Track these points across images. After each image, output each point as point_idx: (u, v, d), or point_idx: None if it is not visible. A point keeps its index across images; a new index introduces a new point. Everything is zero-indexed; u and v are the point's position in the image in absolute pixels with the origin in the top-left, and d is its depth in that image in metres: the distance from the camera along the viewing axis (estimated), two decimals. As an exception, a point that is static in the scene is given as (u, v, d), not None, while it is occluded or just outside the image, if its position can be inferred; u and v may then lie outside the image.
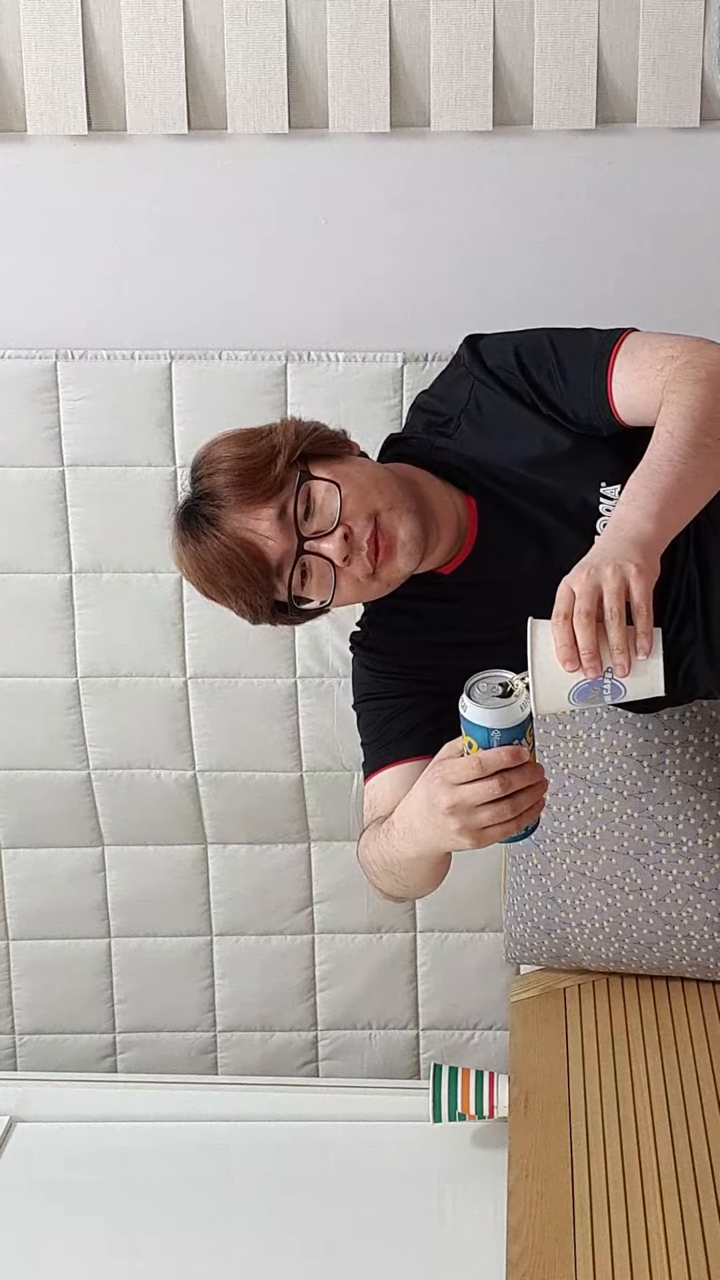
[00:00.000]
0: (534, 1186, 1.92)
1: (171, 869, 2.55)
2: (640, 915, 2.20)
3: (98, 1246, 2.12)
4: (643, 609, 1.46)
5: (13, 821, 2.54)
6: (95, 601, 2.39)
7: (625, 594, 1.46)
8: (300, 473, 1.68)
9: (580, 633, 1.45)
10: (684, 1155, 1.90)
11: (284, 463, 1.68)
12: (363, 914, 2.56)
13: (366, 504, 1.68)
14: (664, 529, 1.54)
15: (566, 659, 1.46)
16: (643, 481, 1.57)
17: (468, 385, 1.83)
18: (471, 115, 2.13)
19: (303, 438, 1.71)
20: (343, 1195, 2.06)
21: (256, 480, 1.68)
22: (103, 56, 2.14)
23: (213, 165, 2.20)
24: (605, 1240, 1.79)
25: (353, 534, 1.66)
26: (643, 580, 1.47)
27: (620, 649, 1.46)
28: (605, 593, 1.46)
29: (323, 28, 2.11)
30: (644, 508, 1.54)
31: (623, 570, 1.47)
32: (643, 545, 1.50)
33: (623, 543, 1.51)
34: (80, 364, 2.27)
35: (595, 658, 1.45)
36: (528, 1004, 2.28)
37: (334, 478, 1.68)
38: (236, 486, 1.68)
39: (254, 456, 1.69)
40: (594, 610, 1.45)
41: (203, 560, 1.70)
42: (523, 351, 1.80)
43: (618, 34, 2.10)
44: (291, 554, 1.68)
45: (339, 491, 1.67)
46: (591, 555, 1.51)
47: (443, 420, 1.84)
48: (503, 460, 1.79)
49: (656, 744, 2.14)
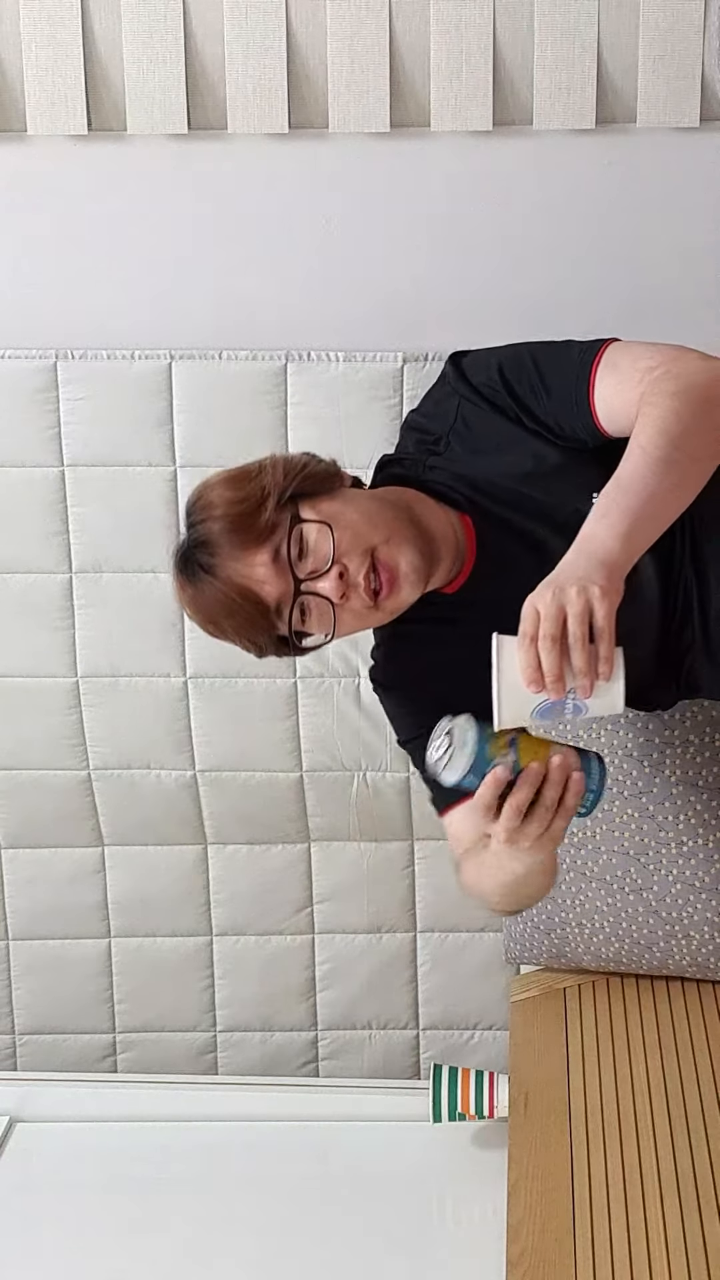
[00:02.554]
0: (534, 1186, 1.92)
1: (171, 869, 2.55)
2: (640, 915, 2.20)
3: (98, 1246, 2.12)
4: (605, 633, 1.50)
5: (13, 821, 2.54)
6: (95, 601, 2.39)
7: (589, 617, 1.50)
8: (291, 514, 1.69)
9: (545, 656, 1.49)
10: (684, 1155, 1.90)
11: (274, 505, 1.69)
12: (363, 914, 2.56)
13: (361, 541, 1.69)
14: (631, 548, 1.56)
15: (531, 680, 1.50)
16: (613, 498, 1.59)
17: (454, 403, 1.83)
18: (471, 115, 2.13)
19: (291, 477, 1.71)
20: (343, 1195, 2.06)
21: (248, 526, 1.68)
22: (103, 56, 2.14)
23: (213, 165, 2.20)
24: (605, 1240, 1.80)
25: (348, 572, 1.68)
26: (606, 603, 1.50)
27: (583, 672, 1.50)
28: (569, 616, 1.49)
29: (323, 28, 2.11)
30: (613, 526, 1.56)
31: (587, 593, 1.50)
32: (608, 566, 1.53)
33: (589, 562, 1.53)
34: (80, 364, 2.27)
35: (559, 680, 1.50)
36: (528, 1004, 2.28)
37: (325, 518, 1.69)
38: (229, 533, 1.69)
39: (244, 501, 1.70)
40: (558, 633, 1.49)
41: (202, 605, 1.73)
42: (506, 368, 1.80)
43: (618, 34, 2.10)
44: (289, 595, 1.69)
45: (331, 532, 1.68)
46: (557, 573, 1.54)
47: (433, 439, 1.85)
48: (494, 476, 1.80)
49: (657, 744, 2.14)
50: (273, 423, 2.27)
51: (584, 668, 1.50)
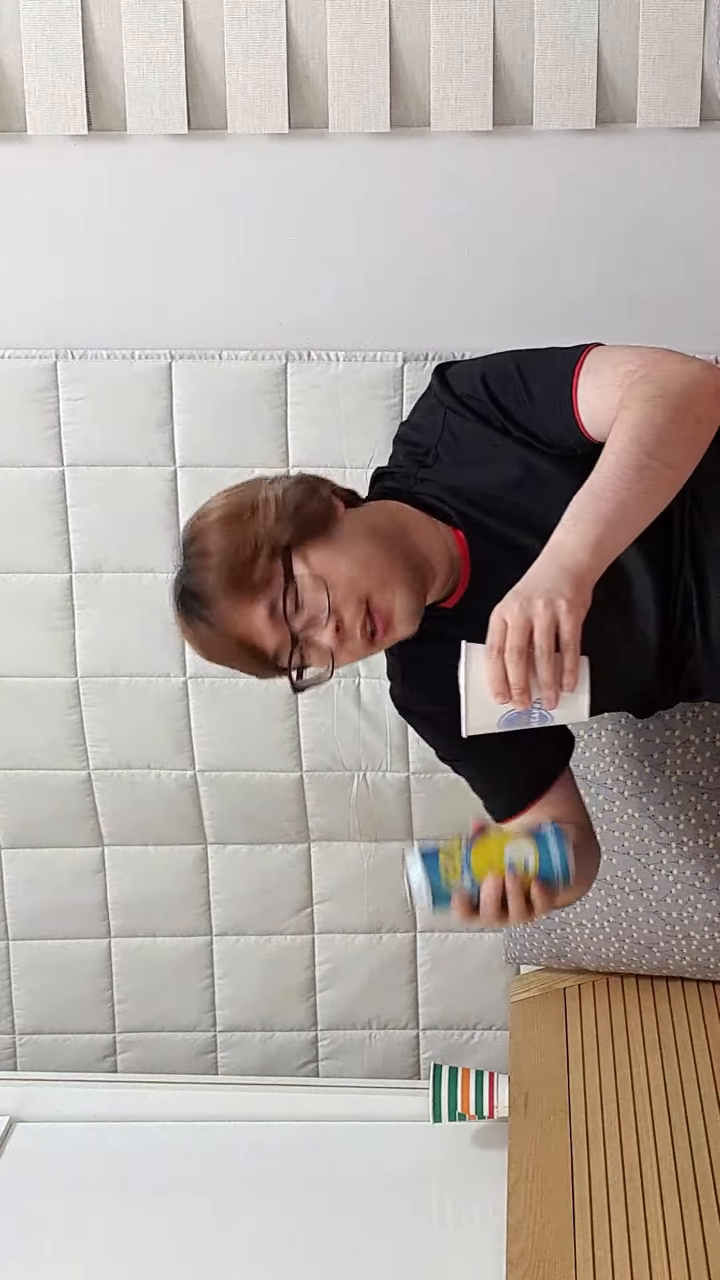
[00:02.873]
0: (534, 1186, 1.92)
1: (171, 869, 2.55)
2: (641, 915, 2.20)
3: (98, 1246, 2.12)
4: (571, 645, 1.52)
5: (13, 821, 2.54)
6: (95, 601, 2.39)
7: (555, 629, 1.52)
8: (285, 565, 1.69)
9: (511, 669, 1.52)
10: (684, 1155, 1.90)
11: (267, 555, 1.69)
12: (363, 914, 2.56)
13: (355, 590, 1.69)
14: (600, 558, 1.58)
15: (497, 692, 1.54)
16: (584, 505, 1.60)
17: (440, 415, 1.84)
18: (471, 115, 2.13)
19: (284, 522, 1.71)
20: (343, 1195, 2.06)
21: (242, 581, 1.69)
22: (103, 56, 2.14)
23: (213, 165, 2.20)
24: (605, 1240, 1.80)
25: (344, 623, 1.69)
26: (572, 616, 1.52)
27: (549, 684, 1.53)
28: (536, 629, 1.52)
29: (323, 28, 2.11)
30: (582, 535, 1.58)
31: (553, 606, 1.52)
32: (576, 577, 1.55)
33: (558, 572, 1.55)
34: (80, 364, 2.27)
35: (524, 692, 1.53)
36: (528, 1004, 2.28)
37: (320, 571, 1.69)
38: (223, 586, 1.70)
39: (238, 552, 1.70)
40: (524, 646, 1.52)
41: (202, 644, 1.76)
42: (489, 378, 1.80)
43: (618, 34, 2.10)
44: (287, 643, 1.70)
45: (326, 587, 1.69)
46: (525, 583, 1.56)
47: (422, 451, 1.86)
48: (484, 486, 1.80)
49: (658, 744, 2.14)
50: (273, 422, 2.27)
51: (549, 680, 1.53)
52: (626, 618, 1.79)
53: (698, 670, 1.85)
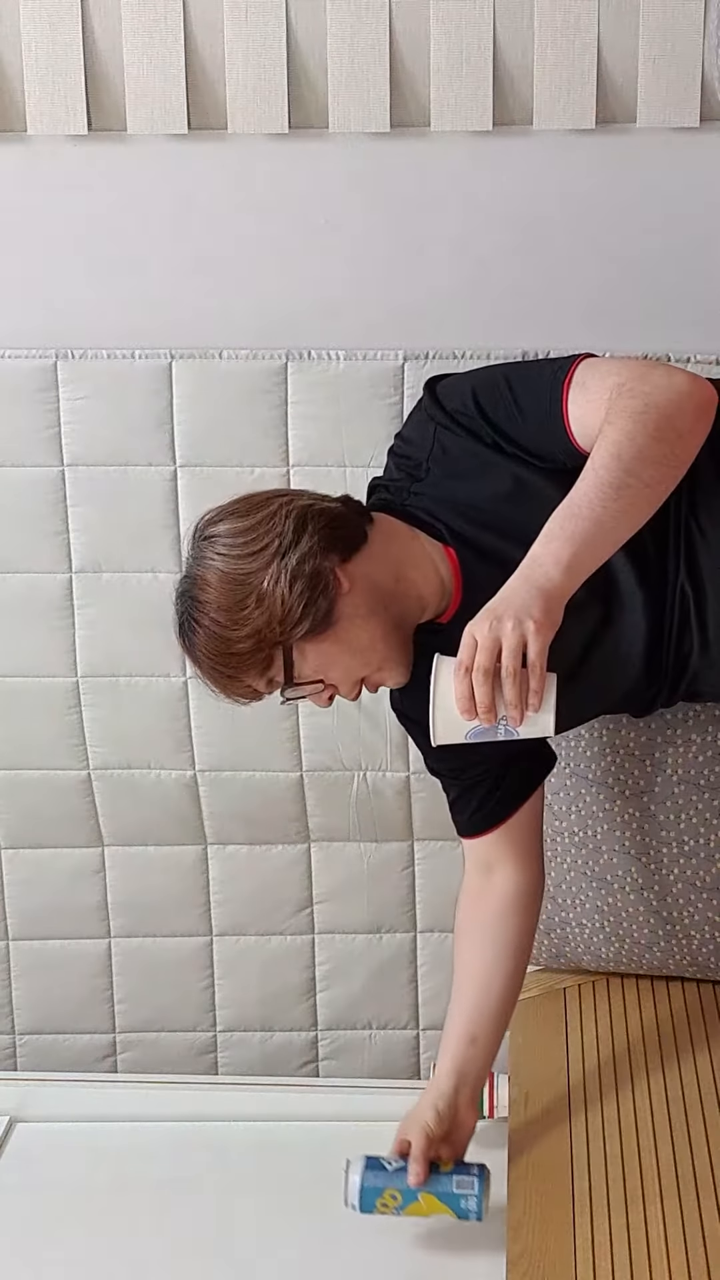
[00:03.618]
0: (534, 1186, 1.92)
1: (171, 869, 2.55)
2: (641, 915, 2.20)
3: (98, 1246, 2.11)
4: (537, 667, 1.55)
5: (13, 821, 2.54)
6: (95, 601, 2.39)
7: (523, 650, 1.55)
8: (285, 661, 1.73)
9: (477, 689, 1.56)
10: (684, 1155, 1.90)
11: (268, 646, 1.73)
12: (363, 914, 2.56)
13: (352, 675, 1.77)
14: (573, 577, 1.60)
15: (464, 710, 1.58)
16: (561, 522, 1.62)
17: (431, 429, 1.85)
18: (471, 115, 2.13)
19: (288, 620, 1.71)
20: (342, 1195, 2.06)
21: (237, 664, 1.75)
22: (103, 56, 2.14)
23: (213, 165, 2.20)
24: (605, 1240, 1.79)
25: (337, 694, 1.78)
26: (540, 638, 1.55)
27: (514, 704, 1.57)
28: (504, 649, 1.55)
29: (323, 28, 2.11)
30: (556, 554, 1.60)
31: (522, 627, 1.55)
32: (547, 597, 1.58)
33: (529, 591, 1.58)
34: (80, 364, 2.27)
35: (490, 710, 1.57)
36: (528, 1004, 2.28)
37: (318, 667, 1.74)
38: (218, 664, 1.76)
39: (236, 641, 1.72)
40: (492, 666, 1.55)
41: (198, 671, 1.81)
42: (480, 393, 1.81)
43: (618, 34, 2.10)
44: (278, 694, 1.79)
45: (323, 686, 1.76)
46: (497, 601, 1.59)
47: (413, 464, 1.87)
48: (475, 500, 1.81)
49: (659, 743, 2.14)
50: (273, 422, 2.27)
51: (514, 700, 1.56)
52: (615, 627, 1.80)
53: (699, 675, 1.85)
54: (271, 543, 1.74)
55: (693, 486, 1.75)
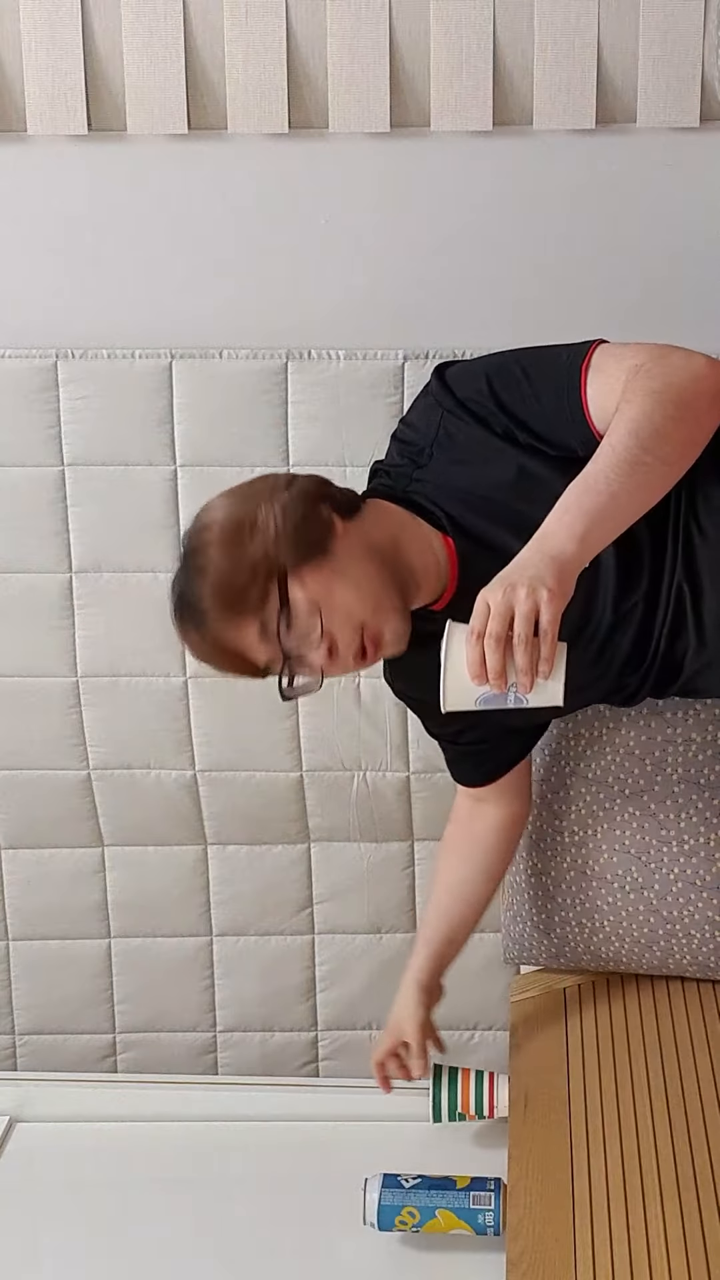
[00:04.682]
0: (534, 1186, 1.92)
1: (171, 869, 2.55)
2: (641, 914, 2.20)
3: (98, 1246, 2.12)
4: (549, 634, 1.55)
5: (13, 821, 2.54)
6: (95, 601, 2.39)
7: (535, 617, 1.55)
8: (280, 586, 1.72)
9: (489, 655, 1.56)
10: (684, 1155, 1.90)
11: (263, 577, 1.72)
12: (363, 914, 2.56)
13: (350, 619, 1.73)
14: (585, 550, 1.61)
15: (475, 675, 1.58)
16: (576, 496, 1.63)
17: (437, 415, 1.85)
18: (471, 115, 2.13)
19: (283, 545, 1.73)
20: (343, 1195, 2.06)
21: (235, 602, 1.72)
22: (103, 56, 2.14)
23: (213, 165, 2.20)
24: (605, 1240, 1.79)
25: (337, 646, 1.73)
26: (553, 606, 1.55)
27: (524, 671, 1.57)
28: (516, 615, 1.55)
29: (323, 28, 2.11)
30: (570, 526, 1.60)
31: (535, 594, 1.55)
32: (560, 566, 1.58)
33: (543, 561, 1.58)
34: (80, 364, 2.27)
35: (501, 676, 1.57)
36: (528, 1004, 2.28)
37: (315, 596, 1.72)
38: (216, 606, 1.74)
39: (234, 574, 1.72)
40: (504, 632, 1.55)
41: (198, 648, 1.80)
42: (494, 380, 1.81)
43: (618, 34, 2.10)
44: (278, 659, 1.74)
45: (320, 614, 1.72)
46: (511, 570, 1.59)
47: (416, 450, 1.87)
48: (477, 488, 1.81)
49: (659, 741, 2.14)
50: (273, 421, 2.27)
51: (525, 667, 1.56)
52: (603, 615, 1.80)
53: (698, 673, 1.85)
54: (266, 491, 1.78)
55: (693, 485, 1.76)
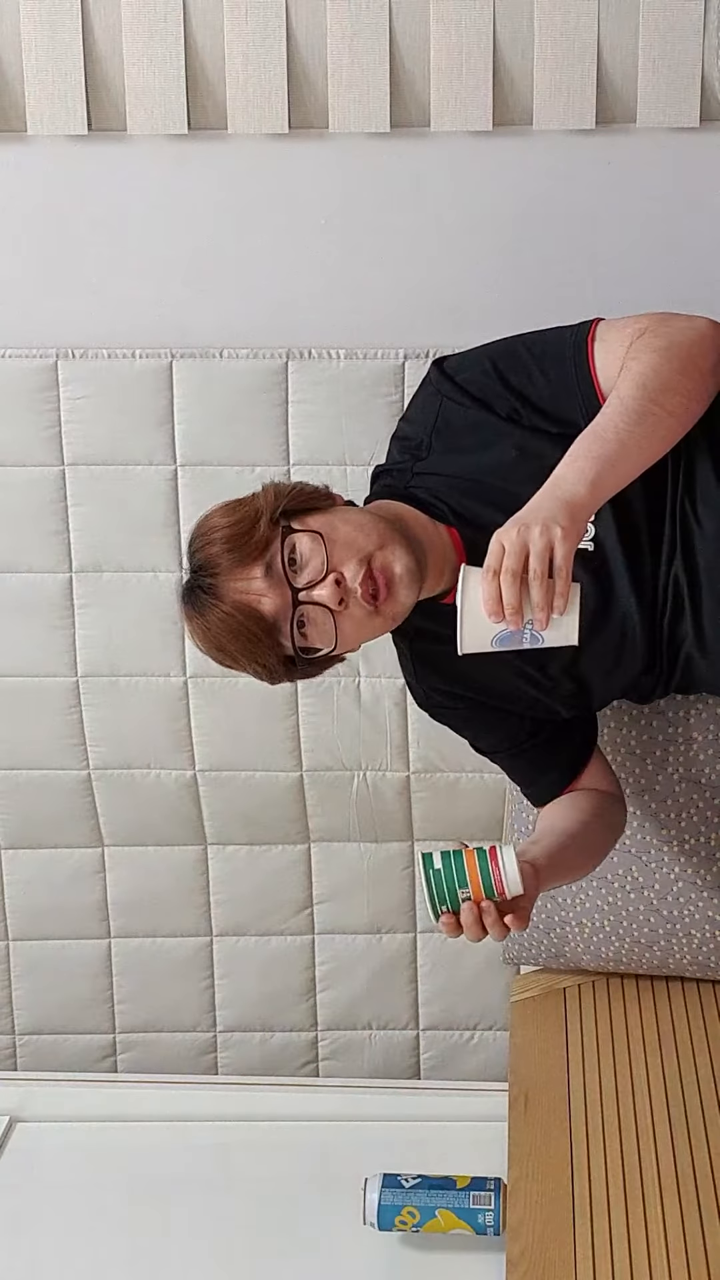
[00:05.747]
0: (534, 1186, 1.92)
1: (171, 869, 2.55)
2: (641, 914, 2.20)
3: (98, 1246, 2.12)
4: (563, 570, 1.59)
5: (13, 821, 2.54)
6: (95, 601, 2.39)
7: (550, 555, 1.58)
8: (283, 527, 1.73)
9: (505, 590, 1.59)
10: (684, 1155, 1.90)
11: (267, 521, 1.73)
12: (363, 914, 2.56)
13: (354, 548, 1.72)
14: (596, 494, 1.64)
15: (491, 611, 1.61)
16: (586, 444, 1.67)
17: (436, 404, 1.86)
18: (471, 115, 2.13)
19: (282, 497, 1.77)
20: (342, 1195, 2.06)
21: (243, 543, 1.73)
22: (103, 56, 2.14)
23: (213, 165, 2.20)
24: (605, 1240, 1.79)
25: (344, 579, 1.71)
26: (567, 543, 1.59)
27: (540, 606, 1.60)
28: (531, 553, 1.58)
29: (323, 28, 2.11)
30: (582, 471, 1.64)
31: (549, 532, 1.59)
32: (573, 508, 1.62)
33: (555, 503, 1.62)
34: (80, 364, 2.27)
35: (517, 613, 1.60)
36: (528, 1004, 2.28)
37: (317, 528, 1.73)
38: (226, 551, 1.74)
39: (239, 522, 1.75)
40: (520, 569, 1.58)
41: (208, 631, 1.76)
42: (499, 362, 1.84)
43: (618, 34, 2.10)
44: (288, 607, 1.72)
45: (323, 540, 1.72)
46: (525, 512, 1.62)
47: (414, 444, 1.88)
48: (477, 472, 1.82)
49: (660, 741, 2.14)
50: (274, 421, 2.27)
51: (541, 602, 1.59)
52: (609, 608, 1.81)
53: (692, 664, 1.85)
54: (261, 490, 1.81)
55: (690, 478, 1.77)
